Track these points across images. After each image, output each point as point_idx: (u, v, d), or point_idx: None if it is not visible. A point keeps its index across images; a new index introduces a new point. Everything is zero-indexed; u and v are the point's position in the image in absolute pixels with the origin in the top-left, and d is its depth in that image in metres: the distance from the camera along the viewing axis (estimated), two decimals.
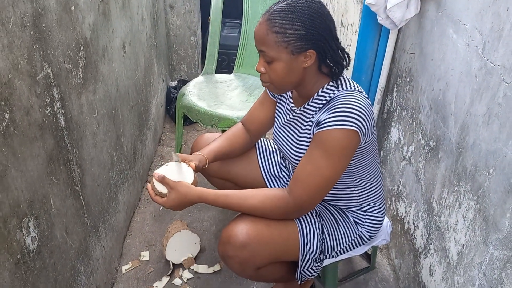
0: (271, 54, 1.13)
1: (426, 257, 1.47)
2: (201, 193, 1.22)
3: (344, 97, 1.16)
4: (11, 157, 0.91)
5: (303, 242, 1.28)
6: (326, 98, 1.21)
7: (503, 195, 1.02)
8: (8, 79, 0.89)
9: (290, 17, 1.10)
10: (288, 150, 1.32)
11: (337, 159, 1.14)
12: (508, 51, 1.03)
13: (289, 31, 1.10)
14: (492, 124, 1.08)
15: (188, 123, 2.76)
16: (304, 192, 1.18)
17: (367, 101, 1.17)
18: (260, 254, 1.23)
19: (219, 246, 1.27)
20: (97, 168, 1.46)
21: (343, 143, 1.13)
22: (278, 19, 1.10)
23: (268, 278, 1.41)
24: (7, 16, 0.87)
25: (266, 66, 1.18)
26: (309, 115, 1.25)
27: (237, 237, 1.20)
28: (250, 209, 1.22)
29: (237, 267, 1.26)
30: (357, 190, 1.33)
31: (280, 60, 1.14)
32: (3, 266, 0.90)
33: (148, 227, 1.96)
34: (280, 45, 1.11)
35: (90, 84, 1.36)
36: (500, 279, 1.03)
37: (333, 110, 1.13)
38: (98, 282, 1.51)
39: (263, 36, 1.13)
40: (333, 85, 1.21)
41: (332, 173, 1.16)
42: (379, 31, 1.83)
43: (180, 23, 2.85)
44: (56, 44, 1.10)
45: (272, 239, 1.24)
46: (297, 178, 1.19)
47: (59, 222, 1.17)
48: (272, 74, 1.17)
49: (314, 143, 1.17)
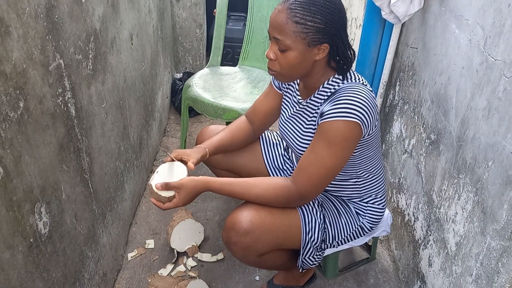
0: (287, 42, 1.14)
1: (426, 248, 1.50)
2: (207, 182, 1.26)
3: (348, 89, 1.19)
4: (25, 144, 0.95)
5: (305, 230, 1.32)
6: (331, 90, 1.24)
7: (501, 187, 1.05)
8: (23, 68, 0.92)
9: (312, 9, 1.11)
10: (294, 142, 1.34)
11: (339, 149, 1.17)
12: (508, 47, 1.05)
13: (309, 23, 1.11)
14: (492, 118, 1.11)
15: (193, 114, 2.78)
16: (306, 181, 1.21)
17: (371, 94, 1.19)
18: (262, 241, 1.26)
19: (223, 233, 1.30)
20: (105, 157, 1.49)
21: (345, 134, 1.16)
22: (299, 9, 1.11)
23: (270, 265, 1.45)
24: (22, 8, 0.90)
25: (277, 54, 1.18)
26: (315, 106, 1.28)
27: (240, 223, 1.24)
28: (254, 197, 1.25)
29: (240, 253, 1.30)
30: (359, 181, 1.36)
31: (294, 50, 1.14)
32: (17, 249, 0.94)
33: (153, 216, 2.00)
34: (298, 36, 1.12)
35: (99, 75, 1.39)
36: (497, 268, 1.06)
37: (336, 102, 1.16)
38: (105, 268, 1.55)
39: (282, 24, 1.12)
40: (338, 77, 1.24)
41: (334, 163, 1.19)
42: (382, 25, 1.85)
43: (186, 16, 2.87)
44: (67, 35, 1.13)
45: (275, 227, 1.27)
46: (300, 167, 1.22)
47: (69, 208, 1.21)
48: (283, 62, 1.18)
49: (317, 133, 1.20)
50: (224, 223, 1.30)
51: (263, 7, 2.27)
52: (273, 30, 1.16)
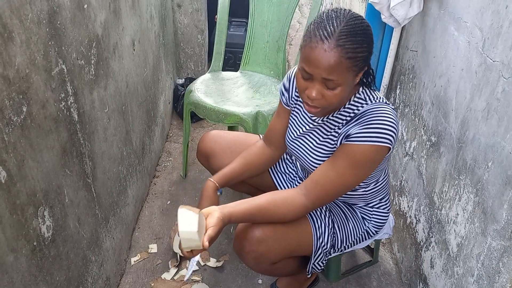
0: (341, 81, 1.05)
1: (427, 250, 1.50)
2: (229, 218, 1.14)
3: (376, 111, 1.16)
4: (28, 148, 0.96)
5: (316, 236, 1.32)
6: (355, 111, 1.20)
7: (501, 187, 1.05)
8: (26, 73, 0.93)
9: (358, 40, 1.03)
10: (305, 158, 1.32)
11: (364, 170, 1.18)
12: (506, 48, 1.06)
13: (359, 54, 1.04)
14: (491, 119, 1.12)
15: (195, 120, 2.80)
16: (323, 195, 1.21)
17: (395, 113, 1.18)
18: (275, 249, 1.26)
19: (234, 242, 1.30)
20: (107, 161, 1.50)
21: (373, 157, 1.15)
22: (349, 44, 1.02)
23: (282, 272, 1.45)
24: (25, 14, 0.92)
25: (324, 92, 1.08)
26: (334, 126, 1.25)
27: (253, 233, 1.24)
28: (274, 222, 1.24)
29: (253, 262, 1.29)
30: (367, 190, 1.37)
31: (344, 85, 1.07)
32: (20, 252, 0.95)
33: (156, 221, 2.00)
34: (351, 70, 1.05)
35: (102, 80, 1.40)
36: (498, 268, 1.06)
37: (365, 125, 1.14)
38: (108, 273, 1.55)
39: (336, 65, 1.02)
40: (360, 97, 1.20)
41: (354, 182, 1.21)
42: (383, 29, 1.87)
43: (187, 22, 2.90)
44: (70, 41, 1.14)
45: (287, 234, 1.27)
46: (317, 182, 1.20)
47: (72, 213, 1.22)
48: (332, 98, 1.09)
49: (341, 153, 1.18)
50: (235, 233, 1.30)
51: (264, 13, 2.28)
52: (324, 72, 1.04)
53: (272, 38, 2.28)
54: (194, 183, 2.27)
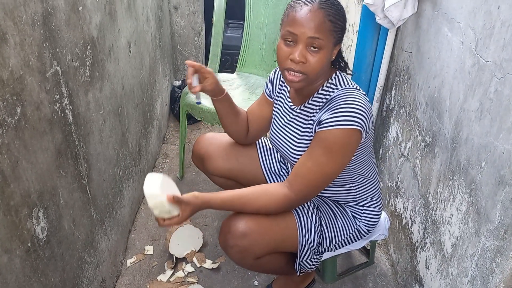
0: (324, 42, 1.13)
1: (423, 251, 1.50)
2: (209, 200, 1.23)
3: (345, 96, 1.20)
4: (22, 150, 0.96)
5: (301, 233, 1.33)
6: (326, 96, 1.25)
7: (494, 187, 1.06)
8: (20, 75, 0.94)
9: (337, 8, 1.15)
10: (289, 150, 1.34)
11: (339, 156, 1.19)
12: (498, 48, 1.06)
13: (338, 22, 1.15)
14: (484, 119, 1.12)
15: (192, 122, 2.80)
16: (305, 187, 1.23)
17: (365, 98, 1.21)
18: (259, 243, 1.27)
19: (220, 236, 1.31)
20: (103, 163, 1.50)
21: (345, 141, 1.17)
22: (330, 8, 1.13)
23: (268, 269, 1.45)
24: (19, 15, 0.92)
25: (307, 56, 1.14)
26: (310, 113, 1.29)
27: (237, 226, 1.25)
28: (256, 211, 1.26)
29: (237, 256, 1.30)
30: (354, 186, 1.37)
31: (326, 49, 1.15)
32: (14, 253, 0.95)
33: (152, 223, 2.00)
34: (331, 34, 1.14)
35: (97, 82, 1.41)
36: (491, 268, 1.07)
37: (334, 109, 1.17)
38: (104, 274, 1.55)
39: (320, 23, 1.11)
40: (332, 83, 1.26)
41: (333, 170, 1.21)
42: (378, 31, 1.87)
43: (184, 24, 2.90)
44: (64, 42, 1.15)
45: (271, 229, 1.28)
46: (297, 173, 1.23)
47: (67, 214, 1.22)
48: (315, 63, 1.15)
49: (316, 141, 1.21)
50: (221, 227, 1.31)
51: (260, 15, 2.29)
52: (310, 30, 1.11)
53: (268, 40, 2.29)
54: (190, 185, 2.27)
